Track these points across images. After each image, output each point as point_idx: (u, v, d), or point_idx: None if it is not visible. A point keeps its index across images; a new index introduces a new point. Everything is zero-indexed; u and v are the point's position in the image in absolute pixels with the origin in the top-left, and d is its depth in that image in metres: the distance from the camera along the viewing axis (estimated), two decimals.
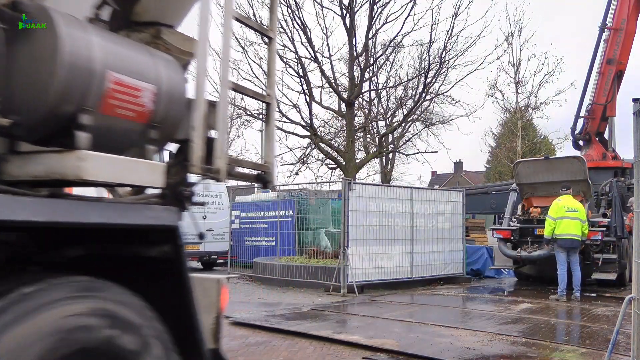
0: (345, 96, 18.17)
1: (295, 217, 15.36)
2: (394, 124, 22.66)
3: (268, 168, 2.98)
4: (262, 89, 17.97)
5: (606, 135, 16.06)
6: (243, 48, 16.88)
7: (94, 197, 2.23)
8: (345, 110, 18.37)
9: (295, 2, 16.40)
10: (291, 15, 16.47)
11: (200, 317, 2.42)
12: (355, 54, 17.43)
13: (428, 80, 17.77)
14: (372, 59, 18.57)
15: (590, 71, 15.79)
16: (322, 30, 16.96)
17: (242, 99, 22.93)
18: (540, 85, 25.80)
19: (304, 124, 17.78)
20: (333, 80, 18.37)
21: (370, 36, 17.49)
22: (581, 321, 8.61)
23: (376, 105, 27.20)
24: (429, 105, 23.15)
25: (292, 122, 17.90)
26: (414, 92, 19.54)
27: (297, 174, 19.52)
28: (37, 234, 2.09)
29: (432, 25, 16.79)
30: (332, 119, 24.40)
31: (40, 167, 2.07)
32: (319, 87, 18.58)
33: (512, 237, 13.54)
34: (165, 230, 2.29)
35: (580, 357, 6.26)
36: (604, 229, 12.37)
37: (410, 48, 24.97)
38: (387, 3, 16.98)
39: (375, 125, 27.14)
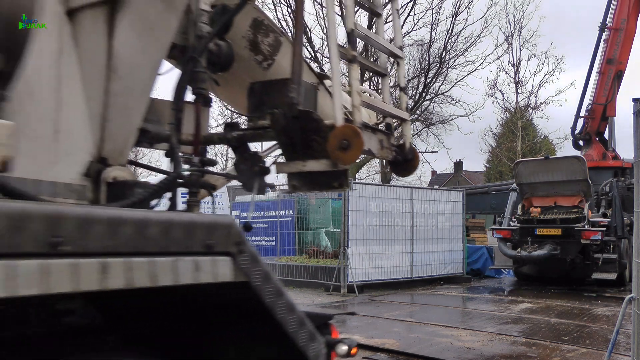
0: None
1: (295, 217, 15.35)
2: (394, 124, 22.64)
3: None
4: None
5: (606, 135, 16.05)
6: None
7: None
8: None
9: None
10: (291, 15, 16.47)
11: None
12: None
13: (428, 80, 17.79)
14: (372, 58, 18.56)
15: (590, 71, 15.80)
16: (322, 30, 16.97)
17: None
18: (540, 85, 25.87)
19: None
20: None
21: None
22: (581, 321, 8.61)
23: None
24: (429, 105, 23.17)
25: None
26: (414, 92, 19.54)
27: None
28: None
29: (432, 25, 16.81)
30: None
31: None
32: None
33: (512, 237, 13.55)
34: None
35: (580, 357, 6.26)
36: (604, 229, 12.38)
37: (411, 48, 24.99)
38: (387, 3, 16.98)
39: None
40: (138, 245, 1.37)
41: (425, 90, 18.26)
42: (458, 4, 16.53)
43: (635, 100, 4.24)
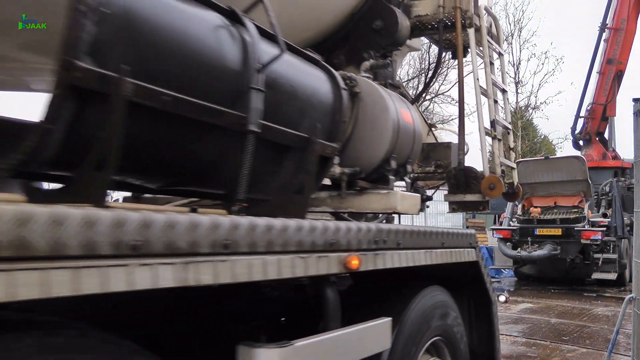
0: None
1: None
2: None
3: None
4: None
5: (606, 135, 16.06)
6: None
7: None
8: None
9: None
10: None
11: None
12: None
13: (428, 80, 17.78)
14: None
15: (590, 71, 15.81)
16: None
17: None
18: (540, 85, 25.91)
19: None
20: None
21: None
22: (581, 321, 8.61)
23: None
24: (429, 105, 23.20)
25: None
26: (414, 92, 19.53)
27: None
28: None
29: None
30: None
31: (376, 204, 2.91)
32: None
33: (512, 237, 13.54)
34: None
35: (580, 357, 6.26)
36: (604, 229, 12.38)
37: None
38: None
39: None
40: (455, 243, 3.00)
41: (426, 90, 18.24)
42: None
43: (635, 100, 4.25)
